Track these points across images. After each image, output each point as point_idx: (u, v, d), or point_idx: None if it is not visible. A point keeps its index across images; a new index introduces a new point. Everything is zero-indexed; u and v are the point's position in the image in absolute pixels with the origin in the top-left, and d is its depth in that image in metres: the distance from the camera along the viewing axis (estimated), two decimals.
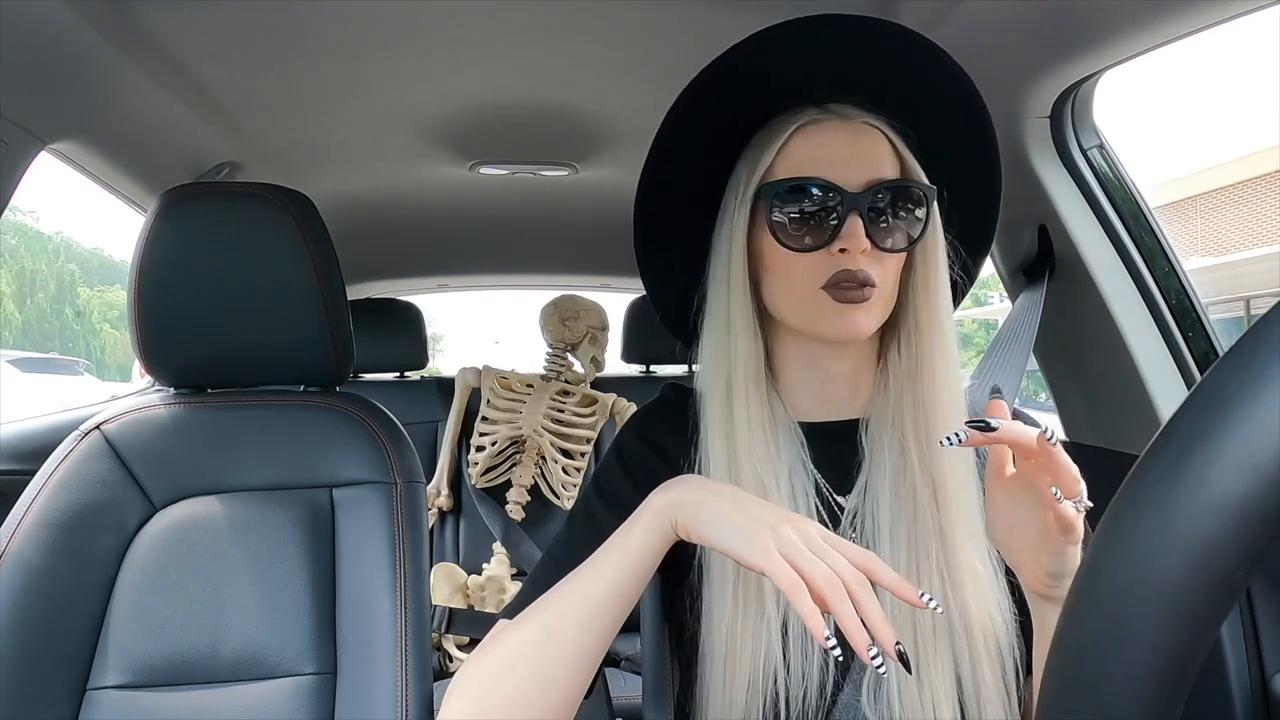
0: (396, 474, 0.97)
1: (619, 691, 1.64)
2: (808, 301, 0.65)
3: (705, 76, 0.69)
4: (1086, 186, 1.06)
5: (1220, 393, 0.27)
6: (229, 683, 0.88)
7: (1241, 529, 0.25)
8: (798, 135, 0.66)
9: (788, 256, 0.65)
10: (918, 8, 0.94)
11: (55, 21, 0.91)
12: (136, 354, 0.98)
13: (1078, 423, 1.19)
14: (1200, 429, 0.26)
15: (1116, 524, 0.28)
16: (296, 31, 1.06)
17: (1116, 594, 0.28)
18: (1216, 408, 0.26)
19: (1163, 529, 0.27)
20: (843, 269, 0.63)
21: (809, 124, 0.66)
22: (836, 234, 0.63)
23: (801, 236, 0.64)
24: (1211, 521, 0.26)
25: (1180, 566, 0.26)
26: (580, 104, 1.32)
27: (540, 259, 2.48)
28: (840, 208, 0.63)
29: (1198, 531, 0.26)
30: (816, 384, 0.71)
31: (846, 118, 0.66)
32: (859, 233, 0.63)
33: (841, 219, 0.63)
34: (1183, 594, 0.26)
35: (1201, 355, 1.03)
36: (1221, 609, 0.26)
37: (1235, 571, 0.26)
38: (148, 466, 0.95)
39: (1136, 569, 0.27)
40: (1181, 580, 0.26)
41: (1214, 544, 0.26)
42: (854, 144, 0.66)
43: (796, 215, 0.64)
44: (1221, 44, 22.28)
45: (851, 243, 0.63)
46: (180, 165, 1.38)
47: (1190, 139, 24.42)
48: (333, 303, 0.98)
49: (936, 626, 0.63)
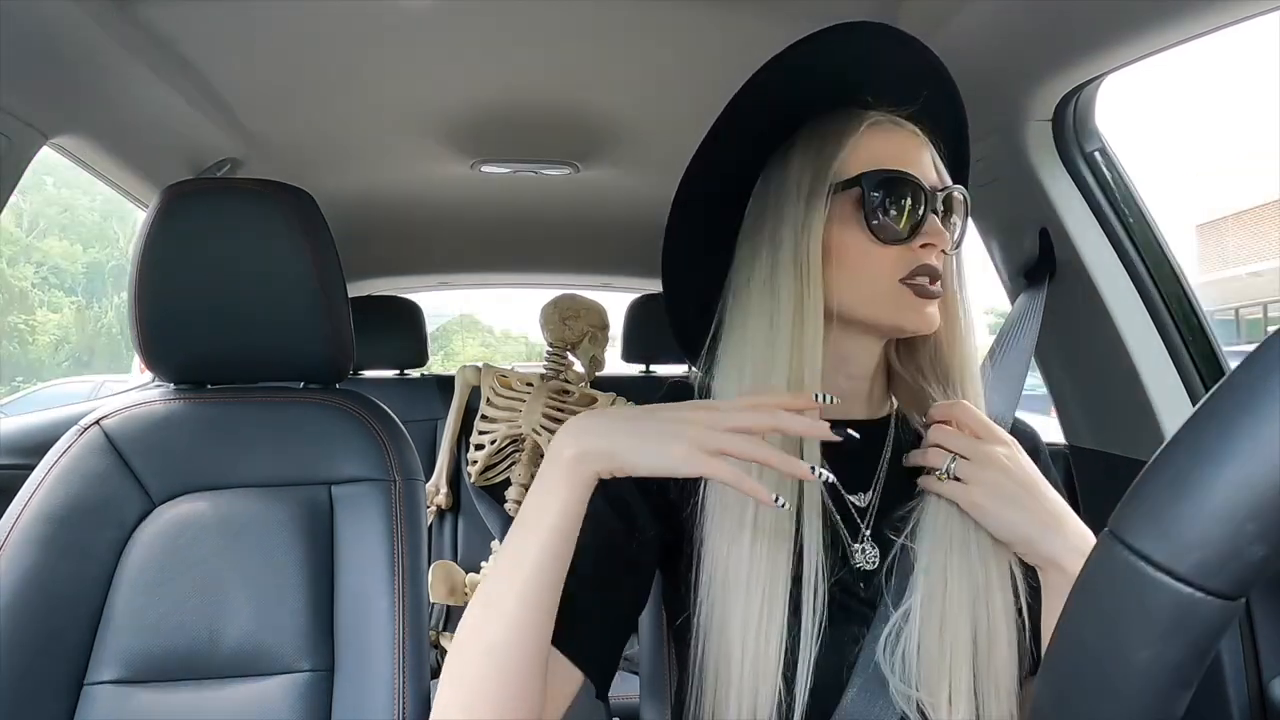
0: (396, 471, 0.97)
1: (617, 691, 1.64)
2: (886, 294, 0.66)
3: (772, 67, 0.68)
4: (1088, 190, 1.06)
5: (1231, 405, 0.26)
6: (226, 679, 0.88)
7: (1246, 538, 0.25)
8: (869, 132, 0.67)
9: (871, 250, 0.66)
10: (920, 11, 0.94)
11: (58, 16, 0.91)
12: (136, 349, 0.98)
13: (1078, 427, 1.18)
14: (1212, 435, 0.26)
15: (1225, 401, 0.28)
16: (299, 28, 1.06)
17: (1117, 596, 0.28)
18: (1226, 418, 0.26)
19: (1213, 476, 0.27)
20: (924, 263, 0.66)
21: (876, 125, 0.68)
22: (920, 229, 0.66)
23: (894, 228, 0.66)
24: (1218, 531, 0.26)
25: (1231, 514, 0.26)
26: (583, 104, 1.32)
27: (541, 258, 2.47)
28: (926, 203, 0.66)
29: (1252, 481, 0.26)
30: (840, 380, 0.72)
31: (900, 123, 0.69)
32: (940, 229, 0.66)
33: (925, 215, 0.66)
34: (1184, 602, 0.26)
35: (1202, 360, 1.03)
36: (1266, 565, 0.26)
37: (1238, 582, 0.26)
38: (147, 462, 0.95)
39: (1137, 575, 0.27)
40: (1183, 588, 0.26)
41: (1218, 554, 0.26)
42: (917, 147, 0.68)
43: (889, 207, 0.66)
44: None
45: (939, 239, 0.66)
46: (182, 161, 1.38)
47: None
48: (333, 300, 0.98)
49: (945, 625, 0.63)
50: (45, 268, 15.48)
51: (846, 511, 0.70)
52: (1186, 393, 1.02)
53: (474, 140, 1.48)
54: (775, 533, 0.63)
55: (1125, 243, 1.05)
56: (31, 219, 16.11)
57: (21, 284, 15.05)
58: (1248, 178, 20.68)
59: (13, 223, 15.02)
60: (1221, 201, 11.97)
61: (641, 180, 1.67)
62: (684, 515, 0.68)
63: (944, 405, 0.68)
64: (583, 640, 0.64)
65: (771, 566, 0.63)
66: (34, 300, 14.88)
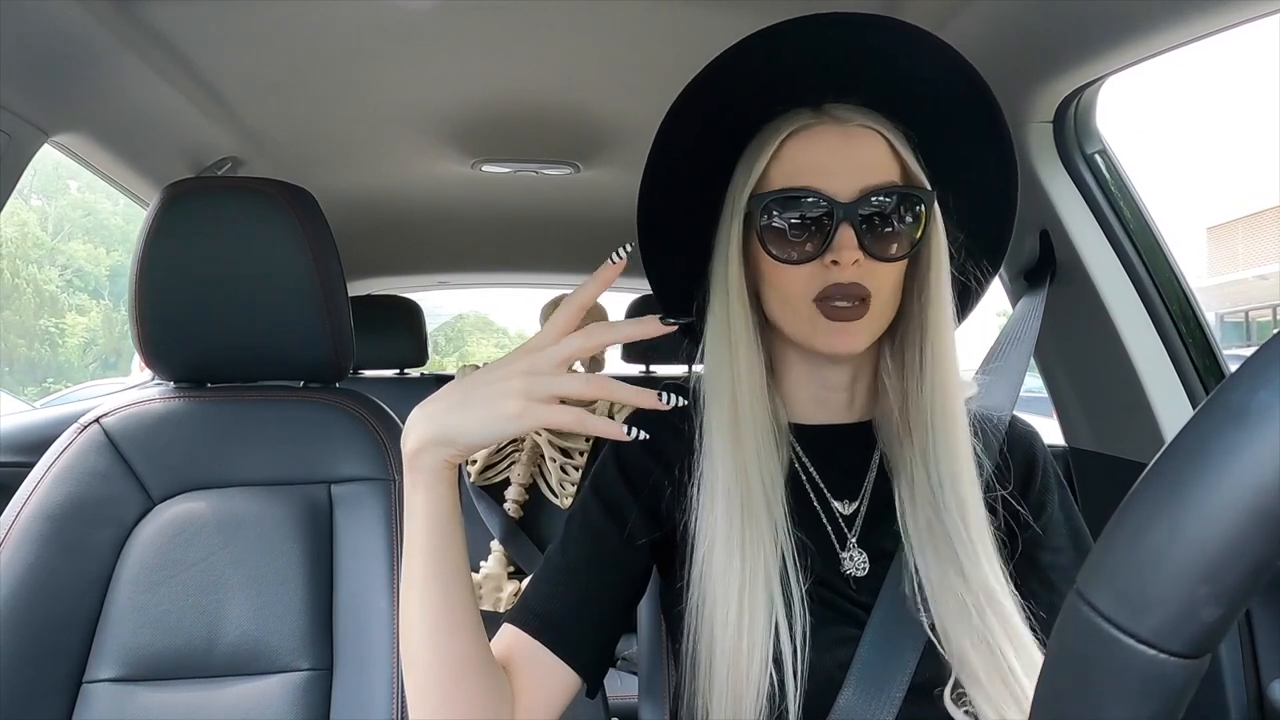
0: (395, 471, 0.97)
1: (615, 691, 1.64)
2: (801, 314, 0.64)
3: (702, 77, 0.68)
4: (1089, 192, 1.06)
5: (1234, 407, 0.26)
6: (225, 677, 0.88)
7: (1248, 544, 0.25)
8: (790, 142, 0.64)
9: (780, 268, 0.64)
10: (920, 13, 0.94)
11: (60, 14, 0.91)
12: (137, 347, 0.98)
13: (1078, 428, 1.18)
14: (1210, 442, 0.26)
15: (1173, 461, 0.28)
16: (301, 27, 1.06)
17: (1086, 656, 0.28)
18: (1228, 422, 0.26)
19: (1167, 538, 0.27)
20: (834, 282, 0.62)
21: (801, 130, 0.64)
22: (827, 245, 0.62)
23: (792, 248, 0.63)
24: (1218, 534, 0.26)
25: (1239, 510, 0.26)
26: (583, 103, 1.32)
27: (541, 258, 2.47)
28: (830, 218, 0.62)
29: (1203, 544, 0.26)
30: (816, 389, 0.71)
31: (841, 121, 0.64)
32: (850, 244, 0.61)
33: (832, 230, 0.61)
34: (1238, 538, 0.26)
35: (1202, 362, 1.03)
36: (1271, 563, 0.26)
37: (1241, 587, 0.26)
38: (146, 460, 0.95)
39: (1138, 578, 0.27)
40: (1240, 523, 0.26)
41: (1220, 557, 0.26)
42: (847, 150, 0.63)
43: (786, 227, 0.63)
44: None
45: (842, 255, 0.61)
46: (183, 159, 1.38)
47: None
48: (333, 299, 0.98)
49: (957, 611, 0.62)
50: (69, 270, 15.63)
51: (832, 516, 0.69)
52: (1186, 394, 1.02)
53: (475, 140, 1.48)
54: (759, 530, 0.63)
55: (1125, 244, 1.05)
56: (56, 222, 16.25)
57: (50, 288, 15.20)
58: (1260, 180, 20.69)
59: (38, 226, 15.19)
60: (1233, 204, 12.01)
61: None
62: (677, 514, 0.68)
63: None
64: (572, 639, 0.65)
65: (753, 562, 0.63)
66: (64, 304, 15.02)
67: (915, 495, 0.66)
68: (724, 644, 0.63)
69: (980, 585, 0.62)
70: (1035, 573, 0.68)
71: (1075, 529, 0.71)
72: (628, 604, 0.70)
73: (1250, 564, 0.25)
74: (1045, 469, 0.72)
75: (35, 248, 15.16)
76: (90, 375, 14.77)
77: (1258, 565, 0.25)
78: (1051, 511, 0.70)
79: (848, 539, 0.68)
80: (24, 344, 14.37)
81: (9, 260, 14.47)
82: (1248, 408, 0.26)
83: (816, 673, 0.63)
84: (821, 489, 0.70)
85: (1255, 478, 0.25)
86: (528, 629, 0.65)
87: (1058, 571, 0.69)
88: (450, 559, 0.56)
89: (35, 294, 14.65)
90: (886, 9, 0.96)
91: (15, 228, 15.00)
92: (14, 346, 14.25)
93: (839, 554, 0.68)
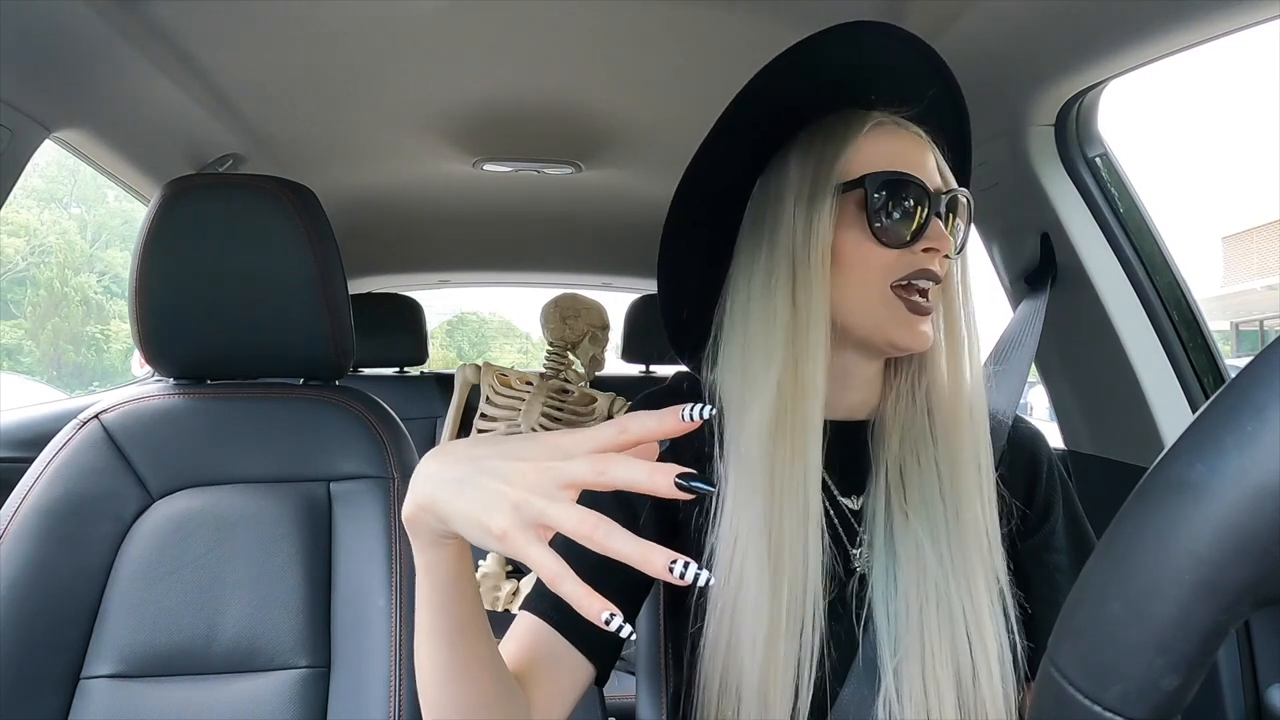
0: (394, 469, 0.97)
1: (613, 691, 1.64)
2: (878, 302, 0.65)
3: (775, 68, 0.67)
4: (1090, 195, 1.06)
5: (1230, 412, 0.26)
6: (222, 674, 0.88)
7: (1194, 617, 0.26)
8: (872, 134, 0.66)
9: (871, 253, 0.65)
10: (924, 13, 0.94)
11: (62, 10, 0.91)
12: (137, 343, 0.98)
13: (1077, 432, 1.18)
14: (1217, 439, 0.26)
15: (1120, 534, 0.28)
16: (303, 24, 1.06)
17: (1084, 670, 0.28)
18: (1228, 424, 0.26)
19: (1120, 611, 0.27)
20: (923, 267, 0.65)
21: (880, 125, 0.67)
22: (923, 232, 0.64)
23: (895, 230, 0.64)
24: (1165, 607, 0.26)
25: (1183, 583, 0.26)
26: (585, 103, 1.32)
27: (542, 257, 2.48)
28: (928, 206, 0.65)
29: (1153, 617, 0.26)
30: (839, 386, 0.70)
31: (902, 125, 0.68)
32: (945, 234, 0.65)
33: (927, 218, 0.64)
34: (1184, 610, 0.26)
35: (1202, 366, 1.03)
36: (1221, 631, 0.26)
37: (1240, 593, 0.26)
38: (145, 456, 0.95)
39: (1137, 581, 0.27)
40: (1184, 596, 0.26)
41: (1169, 630, 0.26)
42: (921, 150, 0.67)
43: (892, 209, 0.64)
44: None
45: (940, 242, 0.64)
46: (184, 156, 1.38)
47: None
48: (333, 297, 0.98)
49: (941, 627, 0.63)
50: (107, 277, 15.81)
51: (841, 512, 0.69)
52: (1186, 399, 1.02)
53: (476, 139, 1.48)
54: (794, 536, 0.62)
55: (1126, 248, 1.05)
56: (95, 230, 16.46)
57: (98, 297, 15.45)
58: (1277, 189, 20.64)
59: (78, 235, 15.43)
60: (1250, 213, 12.05)
61: (643, 180, 1.67)
62: (692, 526, 0.67)
63: None
64: (588, 629, 0.64)
65: (778, 578, 0.62)
66: (109, 311, 15.22)
67: (920, 494, 0.66)
68: (749, 660, 0.61)
69: (965, 590, 0.63)
70: (1041, 574, 0.68)
71: (1080, 532, 0.71)
72: (636, 597, 0.70)
73: (1199, 634, 0.26)
74: (1050, 470, 0.72)
75: (78, 256, 15.39)
76: (132, 379, 15.08)
77: (1206, 635, 0.26)
78: (1058, 513, 0.71)
79: (857, 535, 0.69)
80: (72, 349, 14.70)
81: (59, 270, 14.78)
82: (1185, 481, 0.26)
83: (822, 671, 0.63)
84: (830, 485, 0.70)
85: (1194, 550, 0.25)
86: (548, 619, 0.65)
87: (1062, 573, 0.69)
88: (459, 614, 0.54)
89: (82, 301, 14.90)
90: (890, 13, 0.96)
91: (57, 236, 15.31)
92: (63, 351, 14.60)
93: (850, 551, 0.68)
